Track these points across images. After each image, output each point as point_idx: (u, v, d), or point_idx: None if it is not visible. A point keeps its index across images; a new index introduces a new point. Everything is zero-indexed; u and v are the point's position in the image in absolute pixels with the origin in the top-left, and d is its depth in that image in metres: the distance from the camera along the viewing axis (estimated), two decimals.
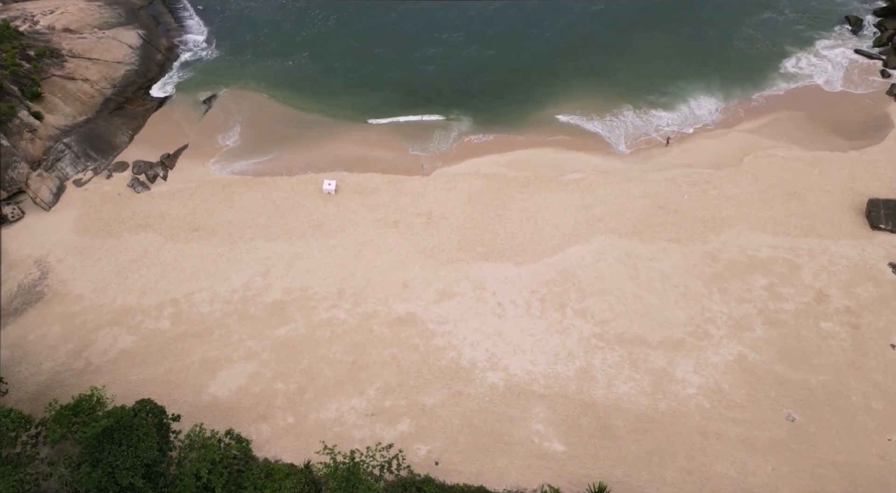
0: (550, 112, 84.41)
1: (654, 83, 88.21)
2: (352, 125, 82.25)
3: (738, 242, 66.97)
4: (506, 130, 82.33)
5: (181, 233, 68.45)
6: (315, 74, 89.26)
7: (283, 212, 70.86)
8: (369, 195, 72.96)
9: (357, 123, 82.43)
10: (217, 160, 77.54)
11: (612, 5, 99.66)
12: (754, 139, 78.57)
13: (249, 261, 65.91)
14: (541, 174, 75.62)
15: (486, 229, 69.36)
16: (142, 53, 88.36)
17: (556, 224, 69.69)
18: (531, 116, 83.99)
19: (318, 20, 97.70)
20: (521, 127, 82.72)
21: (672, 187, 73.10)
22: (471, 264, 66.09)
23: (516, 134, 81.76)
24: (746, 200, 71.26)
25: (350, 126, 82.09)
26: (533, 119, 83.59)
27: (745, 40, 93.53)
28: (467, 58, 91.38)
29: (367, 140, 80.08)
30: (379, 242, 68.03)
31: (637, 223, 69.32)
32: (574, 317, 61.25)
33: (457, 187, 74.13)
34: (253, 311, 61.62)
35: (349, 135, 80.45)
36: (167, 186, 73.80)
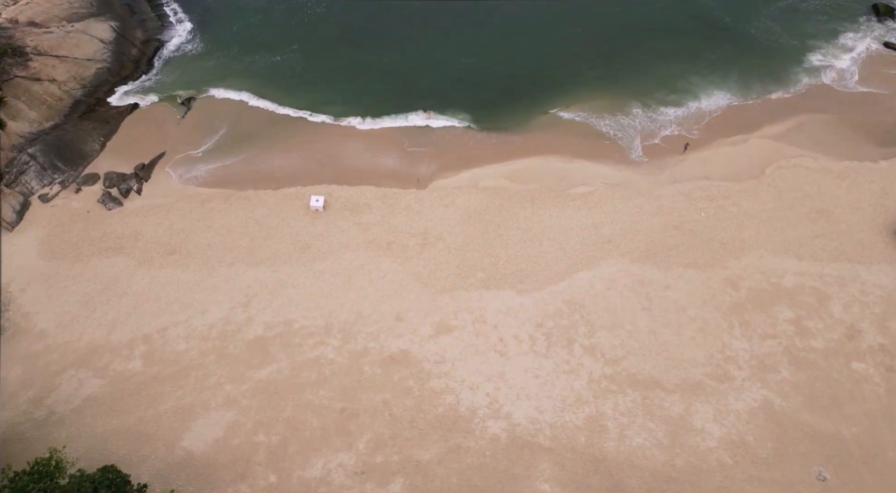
0: (555, 113, 77.06)
1: (666, 79, 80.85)
2: (343, 130, 74.74)
3: (760, 267, 60.47)
4: (508, 134, 75.03)
5: (156, 257, 61.72)
6: (305, 71, 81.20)
7: (266, 232, 64.01)
8: (360, 212, 66.02)
9: (348, 128, 74.89)
10: (196, 171, 70.21)
11: None
12: (776, 147, 71.35)
13: (229, 290, 59.37)
14: (545, 187, 68.62)
15: (487, 252, 62.71)
16: (115, 49, 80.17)
17: (563, 245, 63.04)
18: (535, 118, 76.59)
19: (308, 9, 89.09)
20: (524, 131, 75.38)
21: (688, 203, 66.22)
22: (470, 292, 59.64)
23: (519, 139, 74.43)
24: (769, 218, 64.50)
25: (341, 131, 74.59)
26: (537, 122, 76.21)
27: (763, 31, 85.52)
28: (467, 54, 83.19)
29: (359, 148, 72.65)
30: (370, 267, 61.41)
31: (650, 245, 62.66)
32: (583, 355, 55.12)
33: (455, 203, 67.17)
34: (232, 349, 55.35)
35: (340, 141, 73.01)
36: (141, 202, 66.73)
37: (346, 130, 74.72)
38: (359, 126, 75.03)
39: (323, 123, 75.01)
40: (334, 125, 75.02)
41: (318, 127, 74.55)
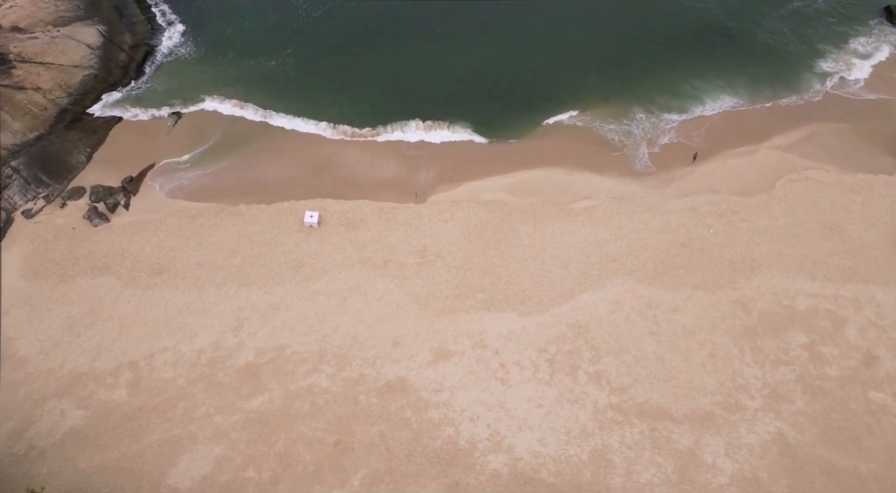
0: (558, 122, 73.49)
1: (671, 85, 77.47)
2: (338, 139, 71.24)
3: (771, 288, 57.44)
4: (509, 143, 71.69)
5: (143, 277, 58.59)
6: (300, 77, 77.56)
7: (258, 250, 60.85)
8: (356, 228, 62.84)
9: (344, 137, 71.39)
10: (185, 183, 66.89)
11: None
12: (787, 158, 68.08)
13: (220, 312, 56.32)
14: (548, 201, 65.41)
15: (488, 271, 59.63)
16: (102, 54, 76.49)
17: (566, 264, 59.96)
18: (537, 126, 73.21)
19: (304, 12, 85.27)
20: (525, 140, 72.05)
21: (696, 219, 63.06)
22: (470, 314, 56.63)
23: (521, 149, 71.10)
24: (780, 234, 61.38)
25: (336, 141, 71.08)
26: (539, 130, 72.89)
27: (770, 33, 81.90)
28: (466, 58, 79.55)
29: (355, 158, 69.29)
30: (366, 287, 58.32)
31: (657, 264, 59.59)
32: (587, 383, 52.20)
33: (454, 217, 63.99)
34: (222, 377, 52.38)
35: (335, 151, 69.65)
36: (129, 217, 63.50)
37: (343, 142, 71.19)
38: (355, 137, 71.42)
39: (318, 135, 71.50)
40: (330, 137, 71.46)
41: (314, 139, 71.03)
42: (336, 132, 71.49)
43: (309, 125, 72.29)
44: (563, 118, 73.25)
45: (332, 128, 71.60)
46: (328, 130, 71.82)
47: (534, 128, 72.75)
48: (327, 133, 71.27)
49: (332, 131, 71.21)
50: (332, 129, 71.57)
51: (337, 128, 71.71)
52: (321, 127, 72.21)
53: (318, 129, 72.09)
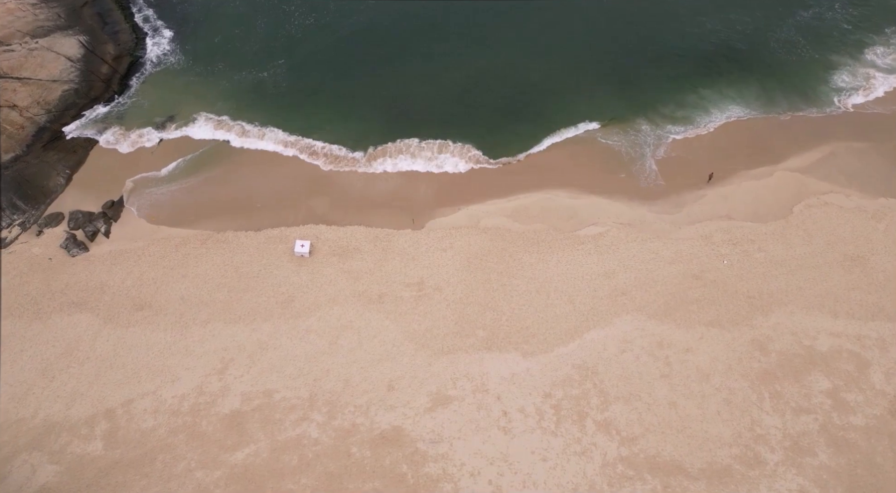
0: (562, 138, 68.70)
1: (681, 98, 72.43)
2: (331, 159, 66.47)
3: (791, 326, 53.19)
4: (511, 162, 66.89)
5: (123, 314, 54.26)
6: (291, 90, 72.56)
7: (246, 282, 56.46)
8: (350, 258, 58.42)
9: (337, 157, 66.65)
10: (165, 200, 62.36)
11: None
12: (804, 181, 63.51)
13: (204, 353, 52.06)
14: (552, 227, 60.94)
15: (489, 305, 55.33)
16: (84, 67, 71.47)
17: (572, 298, 55.64)
18: (541, 143, 68.28)
19: (296, 19, 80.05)
20: (528, 159, 67.15)
21: (709, 248, 58.65)
22: (470, 354, 52.40)
23: (523, 169, 66.50)
24: (798, 266, 57.02)
25: (329, 160, 66.33)
26: (542, 148, 67.93)
27: (784, 44, 76.76)
28: (466, 71, 74.50)
29: (349, 180, 64.65)
30: (360, 324, 54.04)
31: (669, 299, 55.27)
32: (596, 432, 48.08)
33: (453, 245, 59.56)
34: (205, 426, 48.22)
35: (328, 174, 64.95)
36: (109, 246, 59.03)
37: (337, 162, 66.45)
38: (349, 156, 66.66)
39: (309, 154, 66.67)
40: (322, 157, 66.65)
41: (305, 159, 66.20)
42: (327, 161, 66.16)
43: (301, 150, 67.01)
44: (568, 135, 68.50)
45: (323, 151, 66.51)
46: (320, 154, 66.59)
47: (537, 145, 67.98)
48: (320, 157, 66.23)
49: (324, 160, 66.07)
50: (323, 152, 66.47)
51: (329, 150, 66.61)
52: (312, 151, 66.89)
53: (308, 152, 66.79)
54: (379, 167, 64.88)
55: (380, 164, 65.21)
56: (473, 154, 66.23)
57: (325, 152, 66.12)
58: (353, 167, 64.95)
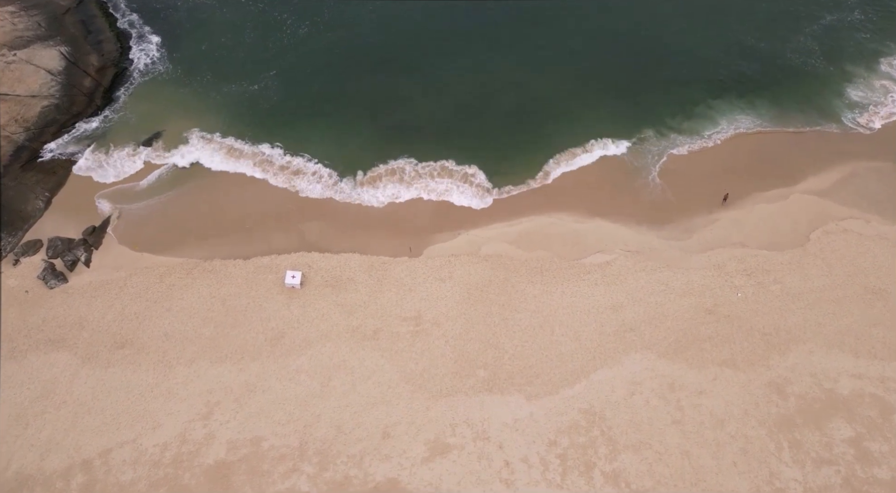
0: (566, 156, 64.58)
1: (690, 111, 68.68)
2: (325, 180, 62.31)
3: (810, 367, 49.46)
4: (513, 183, 62.81)
5: (103, 352, 50.45)
6: (283, 105, 68.08)
7: (234, 317, 52.61)
8: (343, 289, 54.53)
9: (331, 178, 62.48)
10: (154, 229, 58.34)
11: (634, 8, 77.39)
12: (822, 205, 59.57)
13: (188, 396, 48.32)
14: (556, 254, 57.04)
15: (490, 342, 51.55)
16: (65, 80, 67.08)
17: (578, 334, 51.86)
18: (544, 162, 64.10)
19: (288, 28, 75.47)
20: (531, 179, 63.22)
21: (722, 278, 54.78)
22: (470, 397, 48.70)
23: (526, 189, 62.54)
24: (817, 300, 53.20)
25: (323, 182, 62.15)
26: (546, 167, 63.86)
27: (800, 53, 72.47)
28: (467, 82, 70.26)
29: (343, 204, 60.62)
30: (354, 363, 50.27)
31: (680, 336, 51.50)
32: (604, 484, 44.51)
33: (452, 275, 55.67)
34: (188, 479, 44.58)
35: (322, 199, 60.82)
36: (90, 276, 55.08)
37: (331, 184, 62.33)
38: (343, 179, 62.45)
39: (303, 175, 62.48)
40: (316, 178, 62.49)
41: (298, 181, 62.03)
42: (322, 177, 62.03)
43: (293, 169, 62.72)
44: (581, 161, 64.12)
45: (317, 172, 62.35)
46: (313, 174, 62.39)
47: (541, 165, 63.74)
48: (313, 178, 62.04)
49: (317, 176, 61.91)
50: (317, 173, 62.30)
51: (322, 171, 62.47)
52: (305, 171, 62.61)
53: (301, 173, 62.53)
54: (372, 199, 60.48)
55: (373, 193, 60.66)
56: (479, 181, 61.76)
57: (318, 175, 61.78)
58: (345, 197, 60.57)
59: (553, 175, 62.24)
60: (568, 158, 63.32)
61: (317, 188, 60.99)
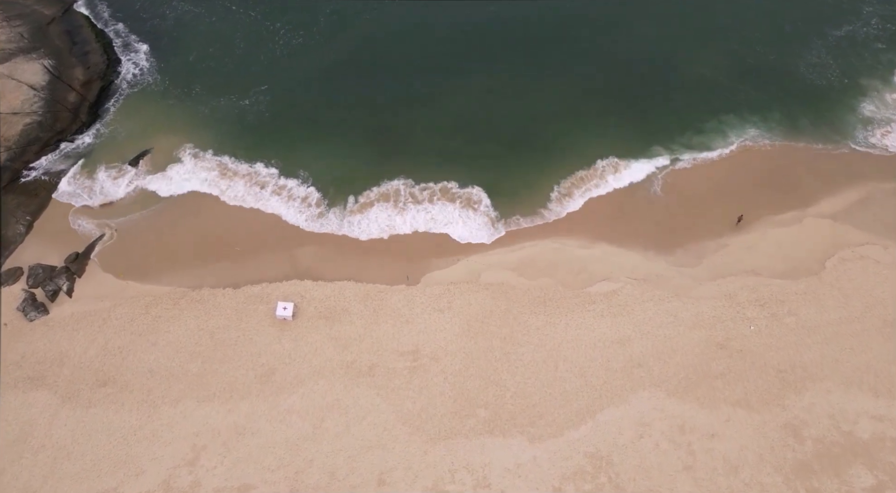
0: (570, 177, 61.07)
1: (699, 128, 64.86)
2: (312, 209, 58.87)
3: (828, 407, 46.39)
4: (514, 205, 59.25)
5: (84, 390, 47.38)
6: (275, 122, 64.40)
7: (222, 352, 49.49)
8: (338, 321, 51.36)
9: (319, 206, 59.05)
10: (139, 252, 55.17)
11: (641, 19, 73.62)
12: (837, 230, 56.25)
13: (173, 439, 45.27)
14: (560, 282, 53.84)
15: (491, 379, 48.46)
16: (49, 96, 63.50)
17: (583, 370, 48.75)
18: (546, 183, 60.69)
19: (281, 39, 71.67)
20: (533, 201, 59.68)
21: (733, 310, 51.62)
22: (471, 440, 45.64)
23: (528, 212, 58.99)
24: (834, 333, 50.03)
25: (317, 206, 58.77)
26: (548, 189, 60.37)
27: (815, 67, 68.59)
28: (468, 96, 66.66)
29: (338, 231, 57.26)
30: (348, 403, 47.19)
31: (690, 372, 48.39)
32: None
33: (452, 305, 52.49)
34: None
35: (315, 227, 57.44)
36: (72, 307, 51.89)
37: (325, 207, 58.98)
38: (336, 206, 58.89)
39: (295, 199, 59.09)
40: (309, 201, 59.13)
41: (290, 206, 58.63)
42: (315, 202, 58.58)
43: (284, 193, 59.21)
44: (578, 174, 60.77)
45: (310, 196, 58.94)
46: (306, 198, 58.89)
47: (549, 188, 60.07)
48: (306, 201, 58.65)
49: (311, 200, 58.53)
50: (310, 197, 58.89)
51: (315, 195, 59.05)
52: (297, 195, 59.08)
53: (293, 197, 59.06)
54: (362, 233, 56.90)
55: (364, 226, 56.98)
56: (483, 207, 58.19)
57: (307, 202, 58.29)
58: (334, 228, 57.03)
59: (567, 208, 58.18)
60: (577, 183, 59.62)
61: (300, 219, 57.09)
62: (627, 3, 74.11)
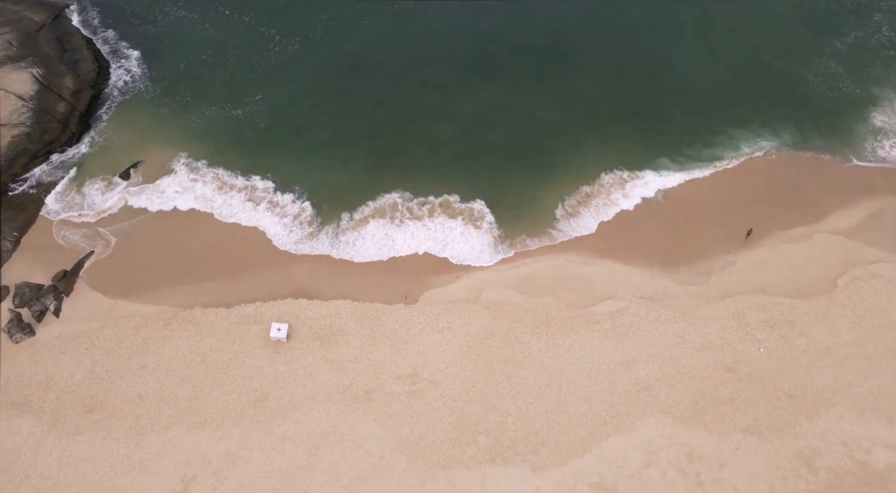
0: (573, 190, 58.92)
1: (705, 138, 62.47)
2: (312, 222, 56.79)
3: (840, 435, 44.38)
4: (515, 220, 57.12)
5: (70, 417, 45.34)
6: (270, 134, 61.82)
7: (214, 375, 47.45)
8: (333, 342, 49.30)
9: (317, 219, 56.97)
10: (128, 269, 53.17)
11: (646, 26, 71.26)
12: (848, 247, 54.14)
13: (162, 469, 43.26)
14: (563, 301, 51.76)
15: (492, 404, 46.44)
16: (37, 106, 61.24)
17: (588, 394, 46.74)
18: (548, 195, 58.64)
19: (276, 45, 69.31)
20: (534, 214, 57.52)
21: (742, 331, 49.56)
22: (471, 469, 43.64)
23: (529, 227, 56.77)
24: (846, 356, 47.99)
25: (309, 225, 56.56)
26: (550, 201, 58.28)
27: (823, 77, 66.22)
28: (471, 105, 64.39)
29: (332, 252, 55.13)
30: (344, 430, 45.17)
31: (698, 397, 46.38)
32: None
33: (451, 326, 50.43)
34: None
35: (306, 249, 55.19)
36: (59, 327, 49.81)
37: (320, 224, 56.86)
38: (329, 225, 56.76)
39: (290, 215, 56.91)
40: (305, 215, 57.01)
41: (285, 223, 56.46)
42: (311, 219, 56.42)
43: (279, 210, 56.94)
44: (589, 194, 58.56)
45: (306, 210, 56.82)
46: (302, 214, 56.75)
47: (556, 202, 57.92)
48: (302, 216, 56.52)
49: (307, 215, 56.41)
50: (306, 212, 56.77)
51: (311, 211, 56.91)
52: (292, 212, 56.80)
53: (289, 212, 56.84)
54: (357, 255, 54.69)
55: (360, 246, 54.74)
56: (487, 224, 56.03)
57: (299, 220, 56.07)
58: (326, 250, 54.80)
59: (577, 230, 55.88)
60: (583, 200, 57.37)
61: (289, 241, 54.78)
62: (631, 13, 71.53)
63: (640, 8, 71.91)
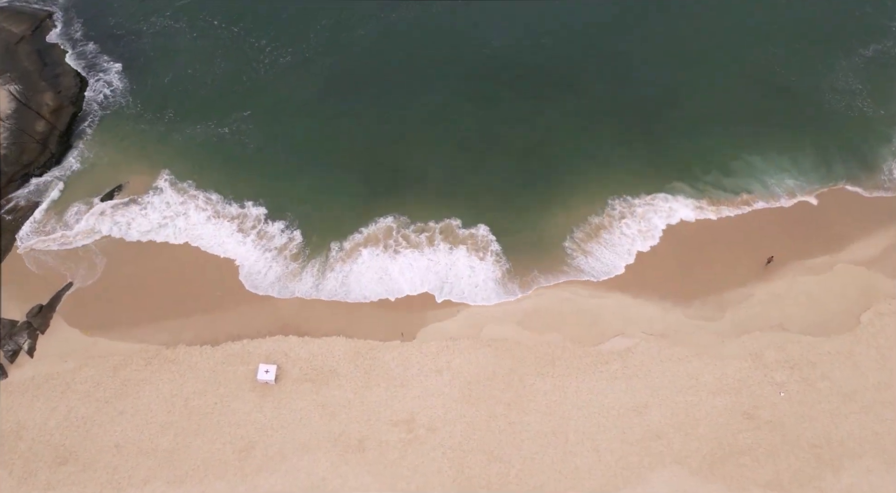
0: (580, 219, 54.87)
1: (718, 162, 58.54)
2: (304, 248, 52.85)
3: (868, 490, 40.84)
4: (518, 249, 53.08)
5: (42, 470, 41.58)
6: (259, 154, 57.87)
7: (198, 422, 43.64)
8: (325, 385, 45.48)
9: (309, 245, 53.03)
10: (106, 301, 49.28)
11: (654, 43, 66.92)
12: (871, 279, 50.29)
13: None
14: (570, 338, 47.92)
15: (494, 454, 42.69)
16: (15, 125, 57.15)
17: (596, 443, 42.98)
18: (554, 223, 54.58)
19: (267, 56, 65.05)
20: (539, 244, 53.57)
21: (761, 372, 45.75)
22: None
23: (533, 257, 52.77)
24: (872, 401, 44.23)
25: (293, 260, 52.50)
26: (557, 230, 54.23)
27: (840, 93, 62.12)
28: (470, 125, 60.29)
29: (324, 282, 51.17)
30: (335, 484, 41.47)
31: (714, 447, 42.62)
32: None
33: (450, 366, 46.61)
34: None
35: (286, 294, 51.01)
36: (33, 368, 45.95)
37: (311, 253, 52.93)
38: (321, 249, 52.86)
39: (277, 244, 52.97)
40: (295, 243, 53.11)
41: (273, 250, 52.55)
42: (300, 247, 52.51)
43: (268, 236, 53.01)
44: (586, 215, 54.65)
45: (295, 239, 52.88)
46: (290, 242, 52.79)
47: (566, 233, 53.84)
48: (291, 244, 52.53)
49: (296, 242, 52.45)
50: (295, 240, 52.82)
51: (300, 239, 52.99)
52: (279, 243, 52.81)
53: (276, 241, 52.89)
54: (347, 295, 50.65)
55: (348, 289, 50.65)
56: (491, 251, 52.08)
57: (284, 253, 52.09)
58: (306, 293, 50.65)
59: (592, 264, 51.87)
60: (593, 233, 53.51)
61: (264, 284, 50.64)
62: (640, 30, 67.07)
63: (651, 25, 67.45)
